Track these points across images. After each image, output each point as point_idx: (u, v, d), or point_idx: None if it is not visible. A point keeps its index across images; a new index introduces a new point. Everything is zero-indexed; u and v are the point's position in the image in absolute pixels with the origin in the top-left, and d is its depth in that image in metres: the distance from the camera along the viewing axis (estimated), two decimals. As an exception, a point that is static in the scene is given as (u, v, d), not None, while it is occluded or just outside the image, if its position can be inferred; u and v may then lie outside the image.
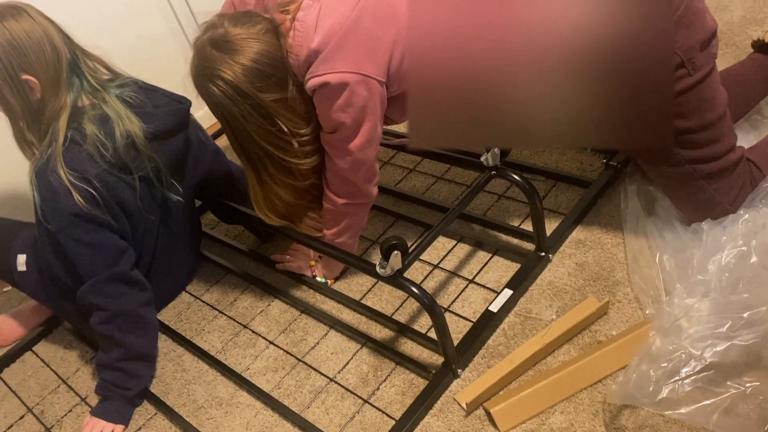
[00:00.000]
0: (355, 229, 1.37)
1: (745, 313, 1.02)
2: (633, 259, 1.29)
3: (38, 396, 1.45)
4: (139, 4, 1.93)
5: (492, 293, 1.34)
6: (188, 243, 1.55)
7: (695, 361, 1.01)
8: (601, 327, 1.21)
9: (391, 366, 1.27)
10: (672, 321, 1.06)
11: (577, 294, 1.28)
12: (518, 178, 1.28)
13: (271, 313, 1.47)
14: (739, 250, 1.12)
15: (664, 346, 1.03)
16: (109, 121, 1.26)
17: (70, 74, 1.24)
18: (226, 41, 1.14)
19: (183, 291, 1.60)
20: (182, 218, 1.48)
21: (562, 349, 1.20)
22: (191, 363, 1.41)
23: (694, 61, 1.10)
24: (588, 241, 1.38)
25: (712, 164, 1.19)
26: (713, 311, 1.04)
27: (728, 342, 1.01)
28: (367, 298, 1.42)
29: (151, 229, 1.40)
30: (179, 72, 1.23)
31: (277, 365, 1.34)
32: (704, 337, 1.03)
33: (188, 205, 1.50)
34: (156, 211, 1.39)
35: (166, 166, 1.37)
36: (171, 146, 1.37)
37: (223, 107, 1.17)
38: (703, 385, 1.01)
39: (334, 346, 1.35)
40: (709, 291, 1.09)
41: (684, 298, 1.09)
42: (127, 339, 1.28)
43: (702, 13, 1.11)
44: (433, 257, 1.46)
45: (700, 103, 1.14)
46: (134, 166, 1.30)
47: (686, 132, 1.16)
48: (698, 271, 1.12)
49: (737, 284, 1.07)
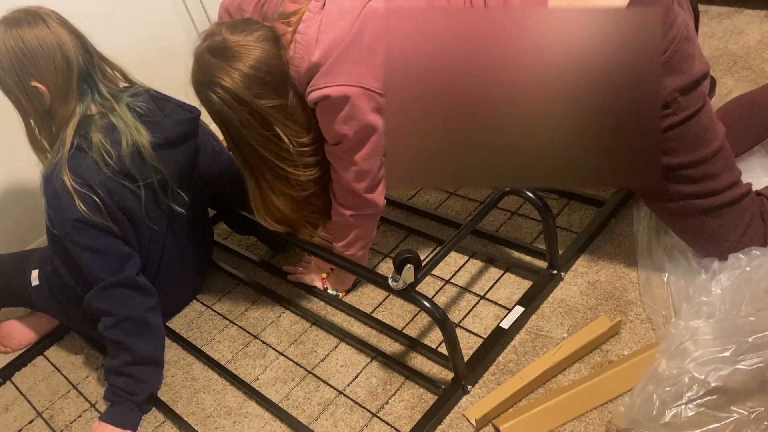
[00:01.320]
0: (365, 241, 1.38)
1: (750, 338, 1.01)
2: (645, 280, 1.28)
3: (48, 400, 1.45)
4: (154, 2, 1.96)
5: (503, 310, 1.34)
6: (198, 252, 1.56)
7: (699, 385, 1.00)
8: (612, 347, 1.20)
9: (400, 380, 1.27)
10: (677, 344, 1.05)
11: (589, 313, 1.28)
12: (532, 196, 1.29)
13: (281, 324, 1.47)
14: (743, 271, 1.11)
15: (669, 369, 1.03)
16: (116, 130, 1.27)
17: (80, 83, 1.26)
18: (225, 48, 1.15)
19: (194, 299, 1.60)
20: (191, 227, 1.49)
21: (572, 367, 1.19)
22: (201, 372, 1.41)
23: (679, 101, 1.09)
24: (601, 261, 1.38)
25: (710, 199, 1.16)
26: (718, 335, 1.04)
27: (732, 366, 1.00)
28: (378, 312, 1.43)
29: (157, 238, 1.40)
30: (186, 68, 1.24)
31: (287, 376, 1.35)
32: (709, 361, 1.02)
33: (199, 214, 1.52)
34: (162, 220, 1.40)
35: (172, 176, 1.38)
36: (178, 155, 1.38)
37: (222, 114, 1.18)
38: (706, 410, 0.99)
39: (344, 358, 1.35)
40: (713, 313, 1.08)
41: (690, 320, 1.08)
42: (134, 344, 1.29)
43: (691, 58, 1.10)
44: (444, 272, 1.47)
45: (689, 140, 1.13)
46: (139, 174, 1.31)
47: (678, 168, 1.14)
48: (702, 292, 1.12)
49: (740, 306, 1.07)
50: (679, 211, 1.20)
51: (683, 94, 1.09)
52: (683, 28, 1.08)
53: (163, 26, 1.98)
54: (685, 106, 1.10)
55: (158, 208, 1.39)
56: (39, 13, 1.24)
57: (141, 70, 1.43)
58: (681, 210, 1.19)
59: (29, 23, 1.22)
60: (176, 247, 1.46)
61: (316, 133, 1.25)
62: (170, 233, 1.43)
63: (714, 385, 0.99)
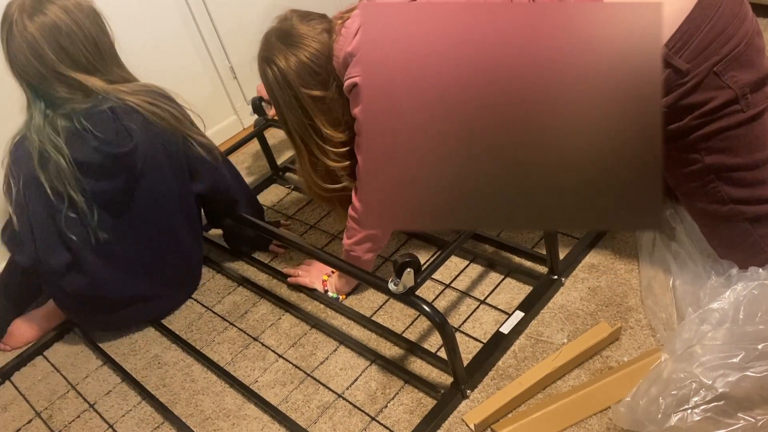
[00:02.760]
0: (374, 245, 1.37)
1: (760, 345, 1.01)
2: (647, 285, 1.28)
3: (47, 401, 1.45)
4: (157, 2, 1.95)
5: (503, 315, 1.34)
6: (149, 274, 1.50)
7: (706, 390, 1.00)
8: (612, 353, 1.20)
9: (399, 384, 1.27)
10: (685, 347, 1.05)
11: (589, 319, 1.27)
12: (533, 201, 1.29)
13: (281, 327, 1.47)
14: (761, 284, 1.09)
15: (676, 373, 1.02)
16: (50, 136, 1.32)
17: (31, 90, 1.33)
18: (290, 35, 1.27)
19: (185, 302, 1.61)
20: (135, 250, 1.45)
21: (572, 373, 1.19)
22: (200, 374, 1.41)
23: (748, 98, 1.07)
24: (601, 266, 1.37)
25: (758, 207, 1.13)
26: (727, 341, 1.03)
27: (741, 373, 1.00)
28: (378, 315, 1.42)
29: (78, 247, 1.39)
30: (192, 69, 1.25)
31: (286, 379, 1.34)
32: (716, 367, 1.01)
33: (145, 242, 1.46)
34: (83, 236, 1.38)
35: (99, 203, 1.36)
36: (105, 186, 1.35)
37: (273, 90, 1.31)
38: (713, 416, 0.99)
39: (344, 362, 1.35)
40: (725, 320, 1.07)
41: (699, 324, 1.08)
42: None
43: (762, 52, 1.10)
44: (445, 276, 1.46)
45: (750, 141, 1.10)
46: (59, 184, 1.33)
47: (733, 169, 1.12)
48: (714, 298, 1.11)
49: (755, 316, 1.06)
50: (726, 215, 1.16)
51: (753, 91, 1.08)
52: (755, 21, 1.09)
53: (166, 25, 1.99)
54: (754, 103, 1.08)
55: (81, 225, 1.37)
56: (14, 18, 1.27)
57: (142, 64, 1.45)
58: (727, 215, 1.16)
59: (27, 17, 1.27)
60: (112, 263, 1.43)
61: (350, 129, 1.31)
62: (102, 249, 1.41)
63: (721, 391, 0.99)
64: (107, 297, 1.46)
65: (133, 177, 1.38)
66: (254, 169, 2.06)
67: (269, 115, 1.80)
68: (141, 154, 1.36)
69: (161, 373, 1.44)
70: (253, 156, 2.12)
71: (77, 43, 1.28)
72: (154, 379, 1.43)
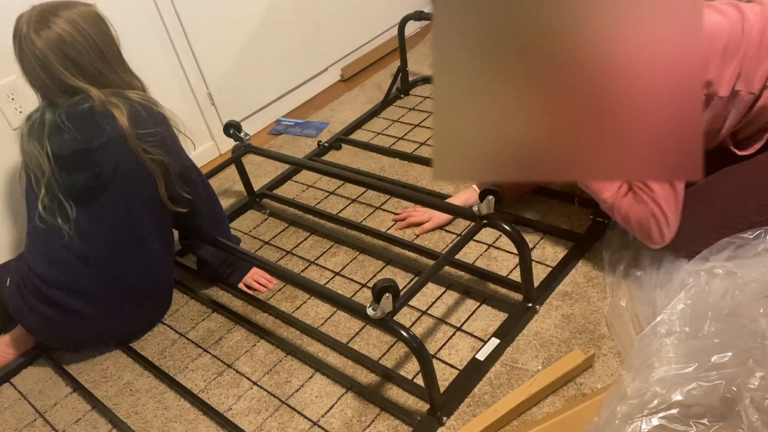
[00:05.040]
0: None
1: (713, 357, 1.05)
2: (612, 311, 1.32)
3: (13, 429, 1.41)
4: (127, 10, 1.94)
5: (479, 342, 1.35)
6: (115, 282, 1.49)
7: (660, 399, 1.03)
8: (586, 380, 1.22)
9: (375, 411, 1.26)
10: (643, 360, 1.08)
11: (563, 346, 1.29)
12: (509, 229, 1.31)
13: (256, 354, 1.46)
14: (702, 290, 1.16)
15: (633, 384, 1.06)
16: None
17: (40, 95, 1.41)
18: None
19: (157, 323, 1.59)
20: (105, 251, 1.45)
21: (547, 400, 1.20)
22: (173, 401, 1.39)
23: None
24: (575, 294, 1.40)
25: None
26: (682, 353, 1.08)
27: (694, 383, 1.04)
28: (355, 342, 1.42)
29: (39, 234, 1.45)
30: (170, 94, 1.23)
31: (260, 406, 1.33)
32: (671, 377, 1.05)
33: (113, 246, 1.46)
34: (54, 225, 1.42)
35: (71, 196, 1.41)
36: (78, 179, 1.39)
37: None
38: (666, 424, 1.02)
39: (319, 389, 1.34)
40: (673, 330, 1.13)
41: (654, 338, 1.12)
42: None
43: None
44: (421, 303, 1.47)
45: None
46: (37, 173, 1.40)
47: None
48: (663, 309, 1.17)
49: (702, 326, 1.11)
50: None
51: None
52: None
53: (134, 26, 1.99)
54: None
55: (52, 218, 1.42)
56: (26, 32, 1.33)
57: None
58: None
59: (36, 30, 1.32)
60: (81, 262, 1.44)
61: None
62: (69, 240, 1.43)
63: (675, 400, 1.02)
64: (74, 304, 1.44)
65: (100, 175, 1.39)
66: (231, 194, 2.06)
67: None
68: (111, 154, 1.37)
69: (133, 400, 1.41)
70: (230, 181, 2.12)
71: (83, 52, 1.34)
72: (125, 406, 1.40)
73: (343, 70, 2.65)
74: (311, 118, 2.43)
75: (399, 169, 1.97)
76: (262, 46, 2.32)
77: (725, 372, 1.03)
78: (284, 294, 1.61)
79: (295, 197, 1.97)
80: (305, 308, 1.55)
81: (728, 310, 1.13)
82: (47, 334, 1.53)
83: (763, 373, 1.02)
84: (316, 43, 2.51)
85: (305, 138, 2.31)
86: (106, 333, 1.54)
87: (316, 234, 1.79)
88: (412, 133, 2.16)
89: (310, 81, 2.56)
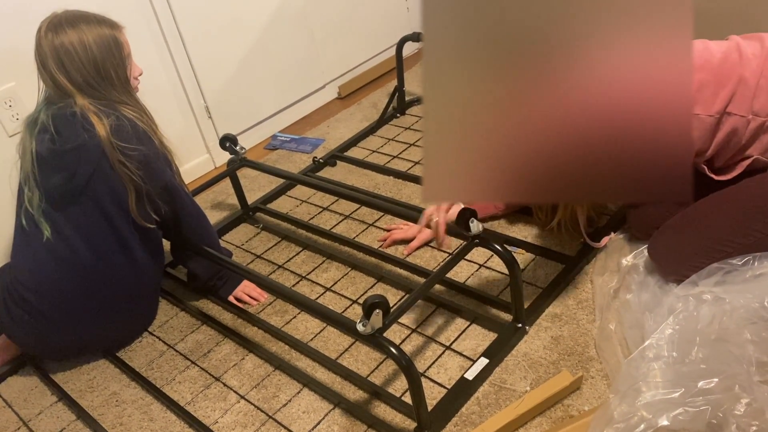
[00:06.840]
0: None
1: (700, 382, 1.06)
2: (601, 328, 1.32)
3: (-4, 437, 1.40)
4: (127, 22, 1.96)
5: (468, 361, 1.35)
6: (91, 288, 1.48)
7: (647, 424, 1.03)
8: (573, 402, 1.22)
9: (362, 429, 1.26)
10: (630, 384, 1.09)
11: (552, 367, 1.29)
12: (500, 249, 1.32)
13: (244, 368, 1.45)
14: (690, 315, 1.17)
15: (621, 408, 1.06)
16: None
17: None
18: None
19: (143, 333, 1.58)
20: (81, 256, 1.45)
21: (534, 421, 1.20)
22: (159, 413, 1.38)
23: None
24: (564, 316, 1.40)
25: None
26: (669, 378, 1.08)
27: (680, 408, 1.04)
28: (343, 358, 1.42)
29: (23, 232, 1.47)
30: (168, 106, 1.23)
31: (247, 420, 1.32)
32: (658, 402, 1.05)
33: (91, 252, 1.46)
34: (34, 225, 1.44)
35: (49, 197, 1.43)
36: (55, 181, 1.41)
37: None
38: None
39: (307, 404, 1.33)
40: (661, 354, 1.13)
41: (642, 362, 1.12)
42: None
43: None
44: (411, 321, 1.47)
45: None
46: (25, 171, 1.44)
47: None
48: (651, 334, 1.17)
49: (690, 352, 1.11)
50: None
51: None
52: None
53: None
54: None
55: (37, 211, 1.44)
56: (44, 36, 1.39)
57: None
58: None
59: (52, 32, 1.38)
60: (62, 265, 1.44)
61: None
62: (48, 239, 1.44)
63: (661, 425, 1.03)
64: (55, 310, 1.43)
65: (73, 178, 1.40)
66: (224, 207, 2.07)
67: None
68: (86, 159, 1.38)
69: (119, 411, 1.40)
70: (224, 194, 2.13)
71: (76, 62, 1.37)
72: (110, 417, 1.39)
73: (340, 88, 2.67)
74: (307, 134, 2.44)
75: (393, 187, 1.99)
76: (260, 61, 2.34)
77: (711, 398, 1.04)
78: (274, 308, 1.61)
79: (289, 212, 1.98)
80: (295, 323, 1.55)
81: (716, 336, 1.14)
82: (30, 342, 1.51)
83: (749, 399, 1.03)
84: (314, 60, 2.53)
85: (300, 153, 2.32)
86: (87, 339, 1.52)
87: (308, 249, 1.79)
88: (406, 152, 2.17)
89: (307, 98, 2.58)
